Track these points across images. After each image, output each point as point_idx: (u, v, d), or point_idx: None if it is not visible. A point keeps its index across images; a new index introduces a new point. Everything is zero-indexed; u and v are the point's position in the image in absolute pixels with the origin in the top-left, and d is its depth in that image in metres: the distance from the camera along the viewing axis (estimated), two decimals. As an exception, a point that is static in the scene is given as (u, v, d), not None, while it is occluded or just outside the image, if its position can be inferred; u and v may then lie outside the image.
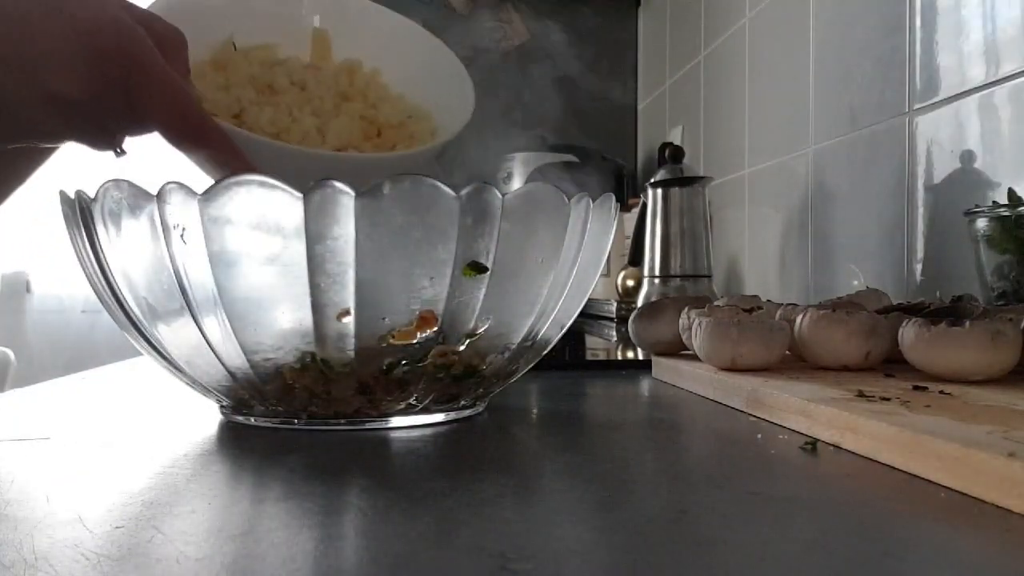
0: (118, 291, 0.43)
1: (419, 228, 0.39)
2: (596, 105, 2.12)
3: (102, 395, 0.59)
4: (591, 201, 0.44)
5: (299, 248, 0.38)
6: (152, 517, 0.28)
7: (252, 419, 0.45)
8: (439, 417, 0.45)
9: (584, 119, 2.09)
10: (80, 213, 0.42)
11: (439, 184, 0.39)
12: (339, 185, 0.38)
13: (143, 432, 0.44)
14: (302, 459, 0.38)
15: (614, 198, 0.46)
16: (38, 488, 0.33)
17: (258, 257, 0.39)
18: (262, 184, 0.38)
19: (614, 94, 2.13)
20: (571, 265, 0.45)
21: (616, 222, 0.48)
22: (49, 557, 0.24)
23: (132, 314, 0.43)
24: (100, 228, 0.41)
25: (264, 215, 0.38)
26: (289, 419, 0.44)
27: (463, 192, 0.39)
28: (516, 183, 1.68)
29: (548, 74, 2.10)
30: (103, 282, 0.43)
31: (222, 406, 0.47)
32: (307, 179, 0.38)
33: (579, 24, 2.14)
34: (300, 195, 0.37)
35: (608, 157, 1.65)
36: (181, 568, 0.23)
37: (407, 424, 0.44)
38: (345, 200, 0.38)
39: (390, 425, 0.44)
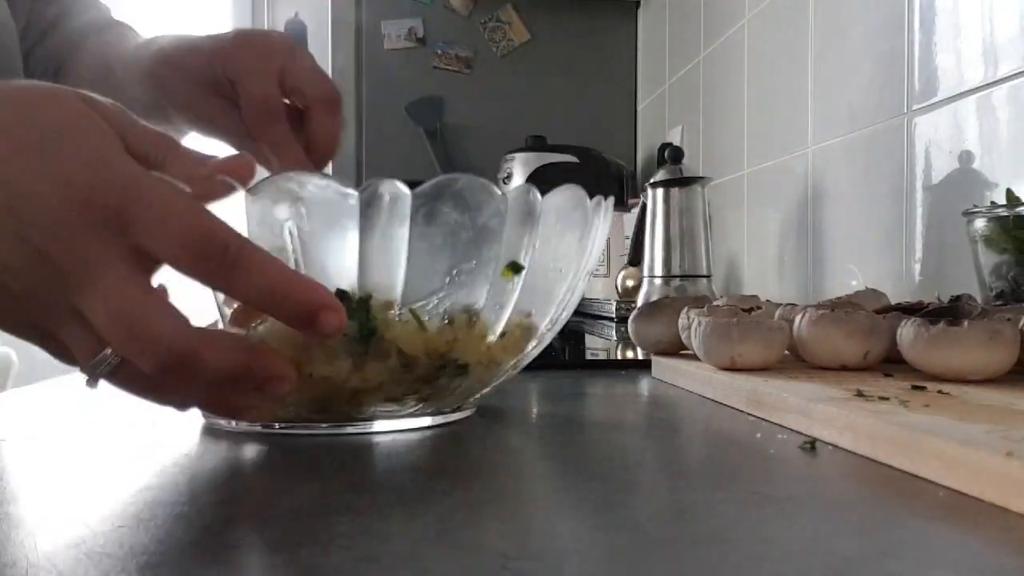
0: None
1: (469, 229, 0.39)
2: (596, 105, 2.12)
3: (103, 395, 0.59)
4: (603, 202, 0.45)
5: (353, 242, 0.38)
6: (153, 517, 0.28)
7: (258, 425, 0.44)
8: (426, 421, 0.44)
9: (584, 119, 2.09)
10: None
11: (490, 185, 0.39)
12: (398, 184, 0.37)
13: (144, 432, 0.44)
14: (305, 458, 0.38)
15: (603, 199, 0.46)
16: (40, 488, 0.33)
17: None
18: (312, 181, 0.37)
19: (614, 94, 2.13)
20: (584, 266, 0.45)
21: (609, 226, 0.48)
22: (52, 556, 0.24)
23: None
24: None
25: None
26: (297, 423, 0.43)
27: (511, 194, 0.39)
28: (516, 183, 1.68)
29: (548, 74, 2.10)
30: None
31: None
32: None
33: (579, 24, 2.14)
34: (355, 192, 0.37)
35: (608, 157, 1.65)
36: (182, 568, 0.23)
37: (391, 428, 0.43)
38: (401, 199, 0.38)
39: (372, 429, 0.42)
